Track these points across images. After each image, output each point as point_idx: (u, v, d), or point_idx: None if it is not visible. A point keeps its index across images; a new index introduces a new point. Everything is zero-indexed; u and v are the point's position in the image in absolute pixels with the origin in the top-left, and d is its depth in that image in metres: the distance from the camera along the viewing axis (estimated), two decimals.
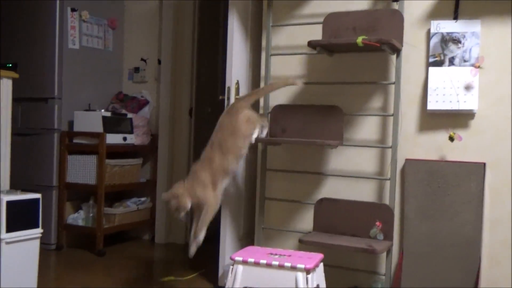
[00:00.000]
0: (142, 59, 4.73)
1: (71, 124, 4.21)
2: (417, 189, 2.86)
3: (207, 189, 2.52)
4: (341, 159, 3.13)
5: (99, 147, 3.98)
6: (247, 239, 3.61)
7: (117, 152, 4.24)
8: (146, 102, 4.58)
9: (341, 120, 2.93)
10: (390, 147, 2.85)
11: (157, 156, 4.58)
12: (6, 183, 3.11)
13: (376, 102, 3.02)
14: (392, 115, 2.85)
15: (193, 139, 4.64)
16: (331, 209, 2.95)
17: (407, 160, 2.90)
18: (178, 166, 4.62)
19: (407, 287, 2.83)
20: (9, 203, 2.69)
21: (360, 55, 3.04)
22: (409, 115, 2.94)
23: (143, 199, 4.58)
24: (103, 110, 4.12)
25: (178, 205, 2.49)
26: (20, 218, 2.76)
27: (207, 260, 3.91)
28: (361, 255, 3.06)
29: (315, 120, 3.00)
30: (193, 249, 2.53)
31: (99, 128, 4.02)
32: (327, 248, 2.70)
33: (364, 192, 3.07)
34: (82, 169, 4.08)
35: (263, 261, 2.07)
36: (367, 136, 3.06)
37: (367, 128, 3.06)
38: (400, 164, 2.95)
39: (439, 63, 2.82)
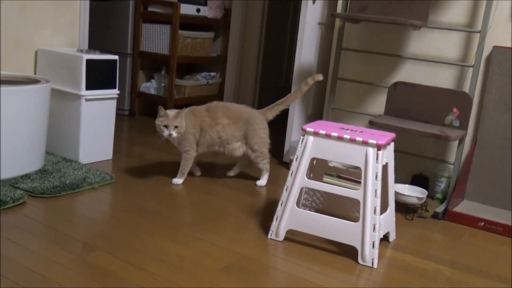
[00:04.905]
0: None
1: None
2: (501, 78, 2.71)
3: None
4: (423, 42, 2.97)
5: (173, 16, 3.95)
6: (314, 119, 3.61)
7: (190, 23, 4.21)
8: None
9: None
10: (479, 32, 2.66)
11: (229, 32, 4.52)
12: (85, 44, 3.18)
13: None
14: None
15: (266, 17, 4.52)
16: (406, 93, 2.85)
17: (495, 47, 2.72)
18: (250, 42, 4.56)
19: (475, 178, 2.79)
20: (88, 61, 2.77)
21: None
22: None
23: (213, 73, 4.61)
24: None
25: None
26: (98, 77, 2.84)
27: (273, 138, 3.97)
28: (431, 143, 3.00)
29: None
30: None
31: None
32: (398, 131, 2.65)
33: (443, 79, 2.94)
34: (155, 38, 4.11)
35: (334, 134, 2.06)
36: (454, 19, 2.86)
37: (455, 10, 2.85)
38: (486, 52, 2.77)
39: None
